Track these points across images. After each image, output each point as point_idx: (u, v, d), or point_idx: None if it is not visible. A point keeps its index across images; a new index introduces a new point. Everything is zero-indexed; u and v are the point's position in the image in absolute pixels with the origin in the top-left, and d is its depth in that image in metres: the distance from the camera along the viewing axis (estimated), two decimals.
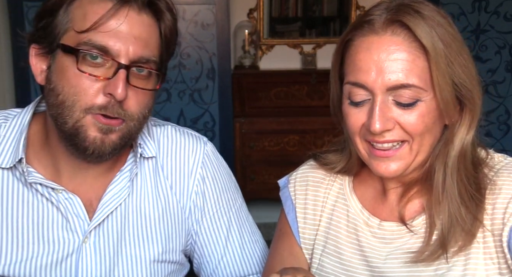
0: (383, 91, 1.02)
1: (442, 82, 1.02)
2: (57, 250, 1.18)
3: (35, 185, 1.17)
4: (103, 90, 1.09)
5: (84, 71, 1.08)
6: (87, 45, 1.07)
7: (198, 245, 1.31)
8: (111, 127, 1.11)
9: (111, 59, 1.08)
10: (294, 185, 1.26)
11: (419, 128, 1.03)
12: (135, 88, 1.11)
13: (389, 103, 1.03)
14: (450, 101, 1.03)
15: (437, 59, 1.01)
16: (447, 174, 1.07)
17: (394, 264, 1.10)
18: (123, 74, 1.08)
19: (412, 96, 1.02)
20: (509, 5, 3.71)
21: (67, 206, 1.17)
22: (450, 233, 1.05)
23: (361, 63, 1.04)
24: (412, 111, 1.02)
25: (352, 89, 1.05)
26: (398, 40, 1.02)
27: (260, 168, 3.87)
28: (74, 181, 1.19)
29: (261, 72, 4.17)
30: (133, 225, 1.22)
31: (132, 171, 1.21)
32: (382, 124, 1.02)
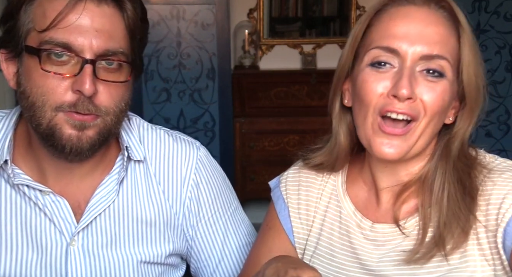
0: (415, 60, 1.02)
1: (471, 65, 1.04)
2: (45, 252, 1.17)
3: (22, 187, 1.16)
4: (71, 87, 1.06)
5: (48, 71, 1.06)
6: (48, 44, 1.05)
7: (194, 250, 1.30)
8: (85, 123, 1.08)
9: (75, 55, 1.06)
10: (285, 185, 1.24)
11: (437, 105, 1.02)
12: (105, 82, 1.08)
13: (416, 74, 1.02)
14: (474, 87, 1.04)
15: (470, 42, 1.05)
16: (447, 173, 1.06)
17: (388, 266, 1.09)
18: (89, 69, 1.06)
19: (441, 70, 1.02)
20: (509, 5, 3.71)
21: (53, 209, 1.17)
22: (447, 229, 1.04)
23: (396, 29, 1.03)
24: (436, 84, 1.02)
25: (379, 53, 1.04)
26: (437, 15, 1.05)
27: (260, 168, 3.87)
28: (60, 183, 1.18)
29: (261, 72, 4.17)
30: (122, 227, 1.22)
31: (120, 174, 1.21)
32: (410, 90, 1.00)
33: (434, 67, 1.02)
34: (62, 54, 1.06)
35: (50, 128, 1.08)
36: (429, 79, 1.02)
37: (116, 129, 1.16)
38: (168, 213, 1.25)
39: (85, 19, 1.06)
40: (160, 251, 1.24)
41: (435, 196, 1.06)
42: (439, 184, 1.07)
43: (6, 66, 1.12)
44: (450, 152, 1.07)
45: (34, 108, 1.08)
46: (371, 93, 1.04)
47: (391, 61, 1.03)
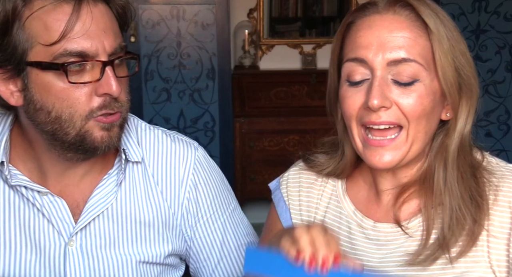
0: (383, 66, 1.02)
1: (445, 61, 1.02)
2: (43, 253, 1.17)
3: (19, 188, 1.16)
4: (96, 92, 1.07)
5: (75, 82, 1.06)
6: (64, 56, 1.04)
7: (193, 250, 1.30)
8: (113, 122, 1.11)
9: (95, 60, 1.06)
10: (286, 186, 1.24)
11: (416, 110, 1.02)
12: (120, 79, 1.10)
13: (388, 82, 1.02)
14: (453, 83, 1.03)
15: (440, 38, 1.02)
16: (447, 170, 1.05)
17: (389, 267, 1.08)
18: (110, 70, 1.07)
19: (412, 75, 1.02)
20: (509, 5, 3.71)
21: (51, 210, 1.17)
22: (451, 230, 1.03)
23: (361, 39, 1.04)
24: (411, 91, 1.02)
25: (351, 67, 1.05)
26: (400, 19, 1.04)
27: (260, 168, 3.87)
28: (61, 183, 1.18)
29: (261, 72, 4.16)
30: (121, 228, 1.22)
31: (118, 176, 1.21)
32: (380, 99, 1.00)
33: (402, 79, 1.02)
34: (82, 63, 1.06)
35: (81, 135, 1.09)
36: (402, 85, 1.02)
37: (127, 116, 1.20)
38: (166, 214, 1.25)
39: (92, 23, 1.06)
40: (158, 251, 1.24)
41: (437, 197, 1.06)
42: (437, 183, 1.06)
43: (1, 86, 1.10)
44: (447, 148, 1.06)
45: (60, 121, 1.08)
46: (350, 108, 1.05)
47: (364, 75, 1.04)
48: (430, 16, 1.03)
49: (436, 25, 1.03)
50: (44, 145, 1.14)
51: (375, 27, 1.04)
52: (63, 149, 1.12)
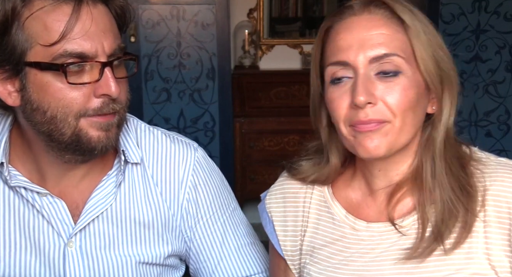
0: (365, 65, 1.03)
1: (425, 54, 1.04)
2: (43, 253, 1.17)
3: (19, 189, 1.16)
4: (94, 93, 1.07)
5: (74, 83, 1.05)
6: (64, 56, 1.04)
7: (193, 251, 1.30)
8: (110, 122, 1.10)
9: (94, 61, 1.06)
10: (270, 198, 1.25)
11: (402, 102, 1.03)
12: (119, 80, 1.10)
13: (372, 78, 1.03)
14: (435, 74, 1.05)
15: (417, 32, 1.04)
16: (436, 163, 1.06)
17: (383, 265, 1.09)
18: (110, 72, 1.07)
19: (394, 68, 1.03)
20: (509, 5, 3.71)
21: (50, 211, 1.17)
22: (444, 223, 1.04)
23: (341, 42, 1.06)
24: (394, 84, 1.03)
25: (334, 70, 1.06)
26: (376, 17, 1.06)
27: (260, 168, 3.87)
28: (60, 184, 1.18)
29: (261, 72, 4.16)
30: (120, 229, 1.21)
31: (118, 177, 1.21)
32: (366, 95, 1.02)
33: (386, 68, 1.03)
34: (81, 64, 1.06)
35: (76, 135, 1.08)
36: (386, 80, 1.03)
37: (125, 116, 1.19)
38: (166, 215, 1.25)
39: (91, 24, 1.06)
40: (158, 252, 1.24)
41: (427, 192, 1.06)
42: (427, 178, 1.07)
43: (0, 86, 1.10)
44: (434, 141, 1.07)
45: (55, 121, 1.07)
46: (338, 109, 1.06)
47: (347, 74, 1.05)
48: (404, 12, 1.05)
49: (412, 20, 1.05)
50: (42, 146, 1.13)
51: (353, 29, 1.06)
52: (61, 150, 1.12)
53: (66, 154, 1.12)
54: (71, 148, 1.11)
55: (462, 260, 1.04)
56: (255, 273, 1.33)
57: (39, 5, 1.05)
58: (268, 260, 1.36)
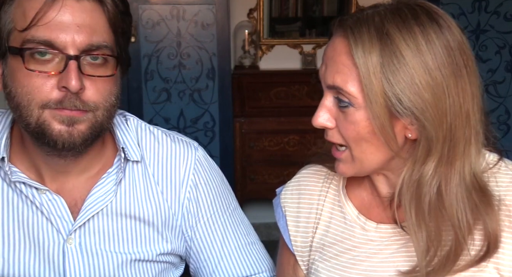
0: (326, 88, 1.06)
1: (370, 95, 0.98)
2: (42, 250, 1.17)
3: (19, 185, 1.16)
4: (57, 85, 1.06)
5: (32, 70, 1.05)
6: (30, 42, 1.04)
7: (193, 250, 1.30)
8: (73, 117, 1.08)
9: (59, 52, 1.05)
10: (285, 193, 1.26)
11: (351, 134, 1.03)
12: (91, 77, 1.08)
13: (333, 101, 1.05)
14: (383, 118, 0.98)
15: (364, 72, 0.98)
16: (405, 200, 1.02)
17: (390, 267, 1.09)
18: (74, 65, 1.05)
19: (347, 99, 1.01)
20: (509, 5, 3.71)
21: (50, 208, 1.17)
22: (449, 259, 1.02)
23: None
24: (346, 115, 1.03)
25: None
26: (343, 43, 1.01)
27: (260, 168, 3.87)
28: (56, 181, 1.19)
29: (261, 72, 4.16)
30: (120, 226, 1.22)
31: (118, 174, 1.21)
32: (322, 119, 1.06)
33: (341, 99, 1.02)
34: (45, 53, 1.05)
35: (39, 125, 1.07)
36: (341, 109, 1.03)
37: (108, 124, 1.15)
38: (166, 214, 1.25)
39: (66, 15, 1.05)
40: (158, 250, 1.24)
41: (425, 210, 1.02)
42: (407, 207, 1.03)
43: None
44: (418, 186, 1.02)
45: (20, 108, 1.07)
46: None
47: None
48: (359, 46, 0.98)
49: (366, 56, 0.97)
50: (31, 140, 1.13)
51: (328, 46, 1.06)
52: (35, 142, 1.11)
53: (42, 146, 1.12)
54: (38, 140, 1.10)
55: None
56: (255, 273, 1.33)
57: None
58: (268, 259, 1.37)
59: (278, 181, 3.65)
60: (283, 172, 3.76)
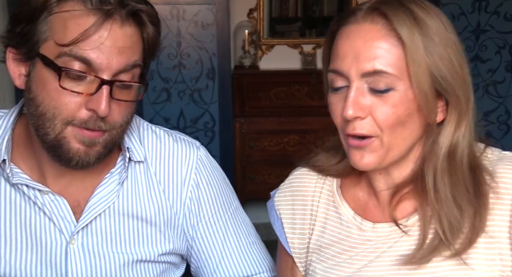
0: (358, 77, 1.03)
1: (419, 71, 1.01)
2: (45, 251, 1.17)
3: (21, 186, 1.16)
4: (86, 105, 1.07)
5: (66, 88, 1.06)
6: (68, 56, 1.05)
7: (194, 250, 1.30)
8: (94, 139, 1.10)
9: (94, 75, 1.06)
10: (279, 195, 1.25)
11: (390, 119, 1.02)
12: (117, 101, 1.10)
13: (364, 90, 1.03)
14: (428, 92, 1.02)
15: (413, 49, 1.01)
16: (437, 176, 1.05)
17: (385, 266, 1.09)
18: (107, 91, 1.06)
19: (386, 84, 1.02)
20: (509, 5, 3.71)
21: (52, 209, 1.17)
22: (444, 237, 1.03)
23: (339, 51, 1.05)
24: (385, 99, 1.02)
25: (332, 76, 1.07)
26: (376, 28, 1.03)
27: (260, 168, 3.87)
28: (60, 183, 1.19)
29: (261, 72, 4.17)
30: (122, 226, 1.22)
31: (121, 174, 1.21)
32: (355, 110, 1.02)
33: (377, 86, 1.02)
34: (81, 75, 1.06)
35: (58, 140, 1.09)
36: (377, 95, 1.03)
37: (120, 139, 1.17)
38: (168, 213, 1.25)
39: (109, 40, 1.06)
40: (160, 250, 1.25)
41: (430, 199, 1.06)
42: (431, 190, 1.06)
43: (13, 65, 1.12)
44: (434, 155, 1.06)
45: (43, 119, 1.08)
46: (334, 115, 1.08)
47: (343, 83, 1.05)
48: (403, 27, 1.01)
49: (411, 34, 1.01)
50: (41, 146, 1.14)
51: (351, 37, 1.04)
52: (44, 148, 1.12)
53: (49, 153, 1.13)
54: (52, 151, 1.11)
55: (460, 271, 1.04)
56: (256, 273, 1.34)
57: (70, 7, 1.06)
58: (269, 259, 1.37)
59: (278, 181, 3.64)
60: (283, 172, 3.74)
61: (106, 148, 1.13)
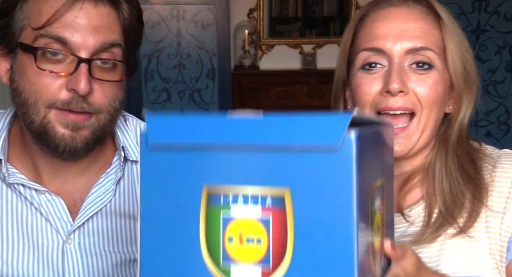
0: (401, 55, 1.06)
1: (455, 53, 1.08)
2: (41, 251, 1.17)
3: (17, 186, 1.16)
4: (66, 86, 1.06)
5: (43, 69, 1.05)
6: (43, 37, 1.05)
7: None
8: (79, 123, 1.08)
9: (71, 53, 1.05)
10: None
11: (431, 95, 1.06)
12: (100, 81, 1.08)
13: (405, 69, 1.06)
14: (461, 74, 1.08)
15: (451, 31, 1.08)
16: (448, 158, 1.09)
17: None
18: (85, 68, 1.05)
19: (429, 62, 1.06)
20: (509, 5, 3.71)
21: (49, 209, 1.16)
22: (449, 211, 1.06)
23: (378, 30, 1.08)
24: (427, 76, 1.06)
25: (366, 54, 1.09)
26: (414, 12, 1.09)
27: None
28: (56, 181, 1.18)
29: (261, 72, 4.17)
30: (119, 226, 1.21)
31: (117, 174, 1.21)
32: (400, 83, 1.04)
33: (421, 59, 1.06)
34: (57, 53, 1.05)
35: (43, 126, 1.07)
36: (419, 72, 1.06)
37: (110, 128, 1.15)
38: None
39: (82, 18, 1.05)
40: None
41: (438, 183, 1.09)
42: (439, 170, 1.09)
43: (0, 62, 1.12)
44: (448, 138, 1.10)
45: (26, 106, 1.07)
46: (366, 95, 1.08)
47: (379, 61, 1.07)
48: (441, 10, 1.10)
49: (449, 18, 1.10)
50: (32, 139, 1.13)
51: (391, 18, 1.08)
52: (34, 139, 1.12)
53: (42, 147, 1.12)
54: (40, 140, 1.10)
55: (465, 244, 1.06)
56: None
57: None
58: None
59: None
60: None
61: (94, 135, 1.11)
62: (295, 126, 0.66)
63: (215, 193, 0.70)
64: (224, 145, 0.70)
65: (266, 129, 0.68)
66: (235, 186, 0.69)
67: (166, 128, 0.73)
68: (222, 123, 0.70)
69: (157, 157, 0.74)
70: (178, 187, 0.72)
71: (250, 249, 0.67)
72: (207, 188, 0.71)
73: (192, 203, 0.71)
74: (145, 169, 0.74)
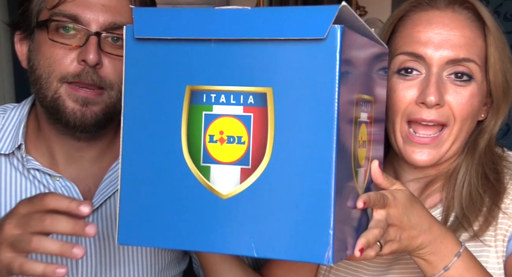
0: (441, 65, 1.01)
1: (498, 64, 1.03)
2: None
3: (33, 172, 1.17)
4: (77, 58, 1.10)
5: (56, 41, 1.09)
6: (57, 15, 1.09)
7: None
8: (88, 98, 1.11)
9: (82, 27, 1.09)
10: None
11: (467, 109, 1.01)
12: (110, 56, 1.11)
13: (443, 79, 1.01)
14: (501, 85, 1.04)
15: (496, 40, 1.03)
16: (473, 165, 1.05)
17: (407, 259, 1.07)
18: (94, 40, 1.09)
19: (470, 73, 1.01)
20: (509, 5, 3.72)
21: (63, 194, 1.16)
22: (465, 216, 1.02)
23: (420, 35, 1.03)
24: (464, 89, 1.01)
25: (404, 58, 1.04)
26: (460, 18, 1.03)
27: None
28: (70, 168, 1.20)
29: None
30: None
31: None
32: (438, 96, 0.99)
33: (462, 70, 1.01)
34: (69, 28, 1.10)
35: (54, 100, 1.11)
36: (457, 84, 1.02)
37: (121, 107, 1.18)
38: None
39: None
40: None
41: (457, 189, 1.05)
42: (461, 177, 1.05)
43: (20, 46, 1.18)
44: (477, 147, 1.06)
45: (40, 80, 1.11)
46: (399, 102, 1.04)
47: (417, 67, 1.03)
48: (490, 18, 1.04)
49: (495, 27, 1.04)
50: (46, 119, 1.16)
51: (435, 24, 1.03)
52: (49, 119, 1.14)
53: (55, 124, 1.14)
54: (52, 116, 1.13)
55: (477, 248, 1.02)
56: None
57: None
58: None
59: None
60: None
61: (105, 111, 1.13)
62: (282, 17, 0.66)
63: (198, 89, 0.69)
64: (210, 37, 0.69)
65: (254, 21, 0.67)
66: (219, 85, 0.68)
67: (153, 20, 0.73)
68: (209, 15, 0.70)
69: (142, 50, 0.74)
70: (162, 82, 0.72)
71: (230, 148, 0.66)
72: (191, 86, 0.70)
73: (175, 100, 0.70)
74: (129, 62, 0.74)
